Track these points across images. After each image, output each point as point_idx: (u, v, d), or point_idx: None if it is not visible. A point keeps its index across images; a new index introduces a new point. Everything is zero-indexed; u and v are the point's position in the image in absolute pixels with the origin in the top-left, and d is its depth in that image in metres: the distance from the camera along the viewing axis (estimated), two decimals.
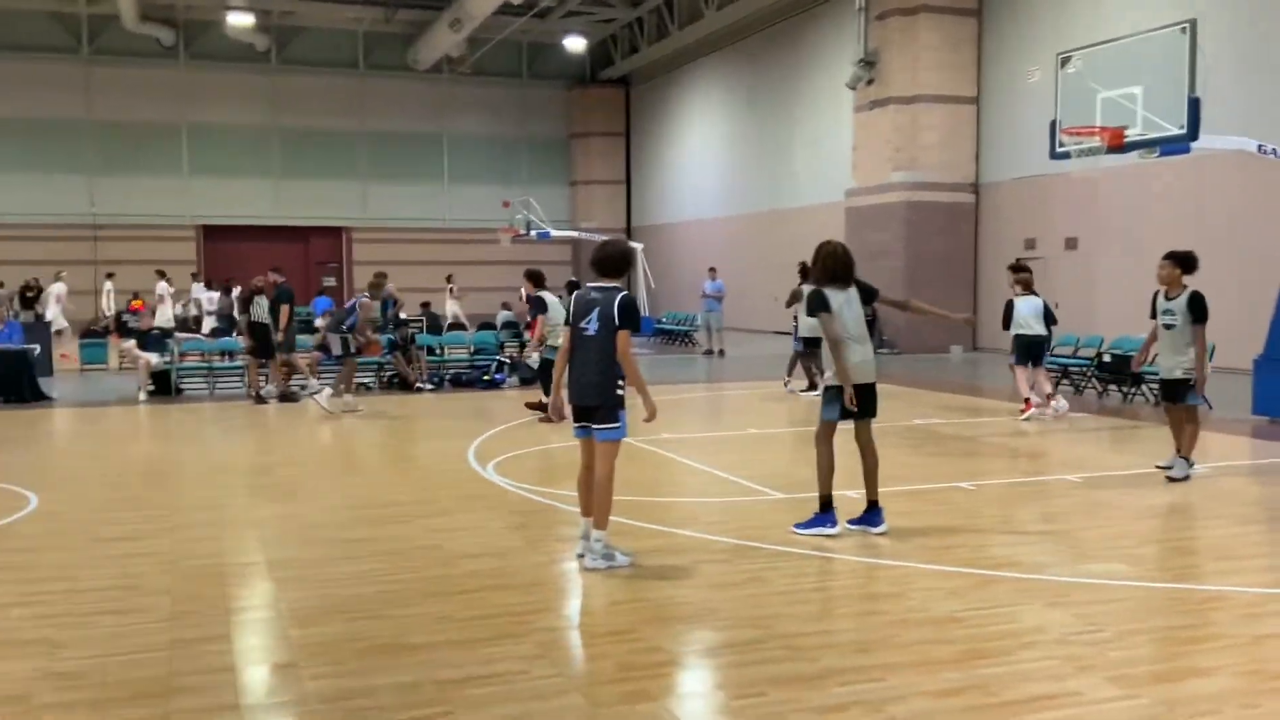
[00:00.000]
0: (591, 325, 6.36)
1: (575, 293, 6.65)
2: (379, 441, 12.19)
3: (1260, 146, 12.43)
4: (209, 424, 13.91)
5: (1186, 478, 9.02)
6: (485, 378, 17.73)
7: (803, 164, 30.23)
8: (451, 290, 30.46)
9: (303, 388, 15.72)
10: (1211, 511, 8.17)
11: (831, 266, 7.24)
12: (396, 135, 38.82)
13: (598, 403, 6.34)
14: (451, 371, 18.17)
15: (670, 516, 7.96)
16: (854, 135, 26.06)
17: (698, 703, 4.55)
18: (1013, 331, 13.06)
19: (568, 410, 6.59)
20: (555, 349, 13.33)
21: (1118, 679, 4.62)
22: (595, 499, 6.42)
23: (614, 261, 6.57)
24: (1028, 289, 13.18)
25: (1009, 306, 13.12)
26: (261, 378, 15.82)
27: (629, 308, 6.33)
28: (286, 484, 9.53)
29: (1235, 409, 13.02)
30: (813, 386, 14.95)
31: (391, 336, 17.42)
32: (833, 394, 7.23)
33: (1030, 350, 13.02)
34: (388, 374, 17.65)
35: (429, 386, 17.30)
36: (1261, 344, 12.86)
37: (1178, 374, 9.04)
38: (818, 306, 7.18)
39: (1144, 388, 14.69)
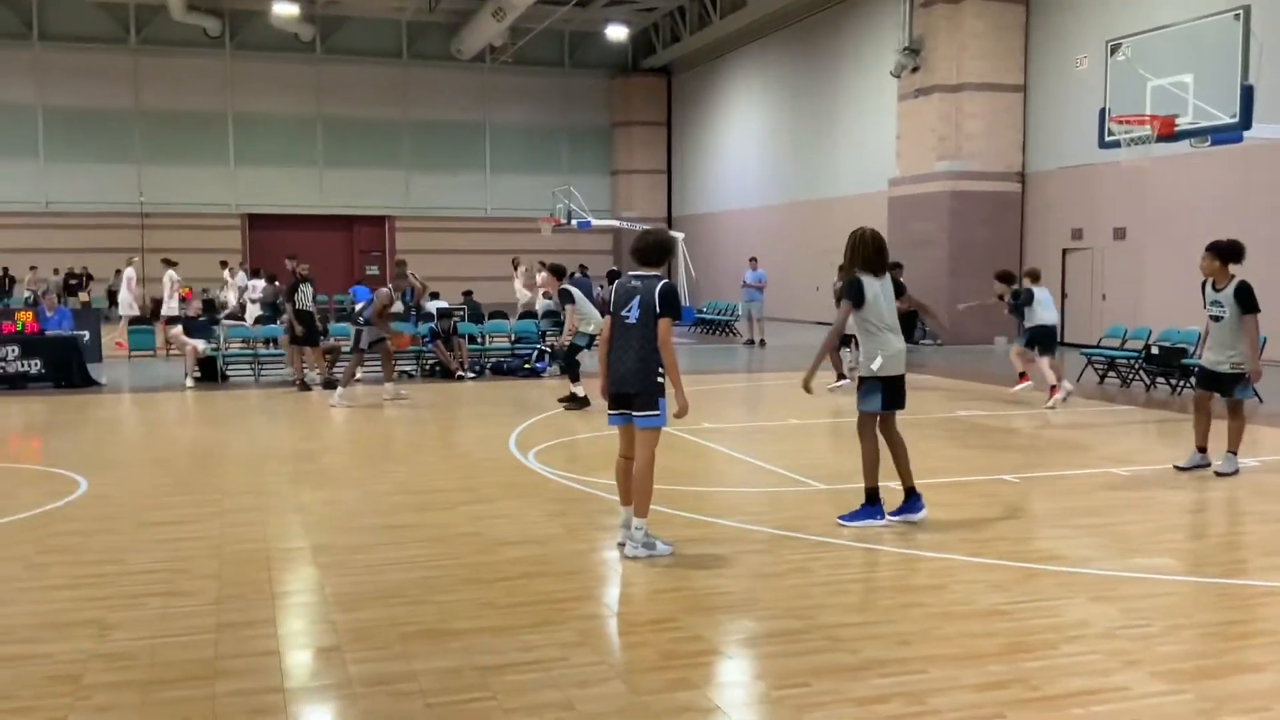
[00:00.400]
0: (633, 313, 6.36)
1: (616, 281, 6.65)
2: (421, 429, 12.28)
3: None
4: (254, 411, 14.07)
5: (1235, 472, 8.87)
6: (526, 366, 17.80)
7: (845, 153, 30.01)
8: (523, 271, 28.97)
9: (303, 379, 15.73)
10: (1260, 507, 8.03)
11: (863, 253, 7.17)
12: (439, 124, 39.03)
13: (637, 390, 6.34)
14: (493, 360, 18.25)
15: (711, 506, 7.95)
16: (898, 124, 25.82)
17: (739, 692, 4.54)
18: (1036, 321, 13.11)
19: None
20: (585, 338, 13.50)
21: (1164, 674, 4.56)
22: (636, 487, 6.42)
23: (655, 250, 6.56)
24: (1036, 280, 13.60)
25: (1029, 296, 13.15)
26: (306, 365, 15.98)
27: (670, 296, 6.33)
28: (330, 470, 9.63)
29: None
30: (841, 378, 15.09)
31: (414, 326, 17.39)
32: (871, 385, 7.19)
33: (1051, 337, 13.33)
34: (429, 362, 17.76)
35: (470, 375, 17.40)
36: None
37: (1225, 368, 8.87)
38: (847, 294, 7.12)
39: (1192, 380, 14.45)
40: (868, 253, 7.18)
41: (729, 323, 27.57)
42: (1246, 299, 8.67)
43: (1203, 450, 9.10)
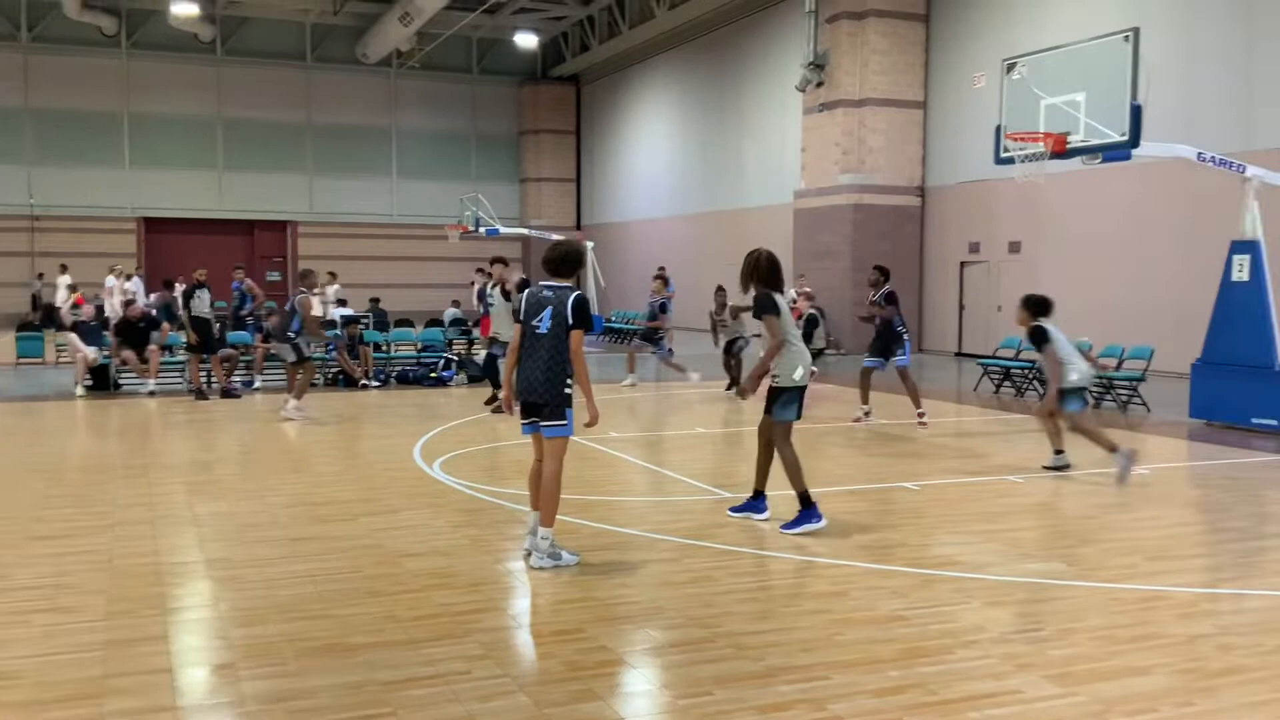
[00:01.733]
0: (544, 323, 6.33)
1: (527, 290, 6.62)
2: (323, 439, 12.03)
3: (1200, 154, 12.67)
4: (148, 420, 13.65)
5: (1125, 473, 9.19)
6: (433, 375, 17.61)
7: (753, 165, 30.38)
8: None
9: (248, 384, 15.47)
10: (1149, 512, 8.32)
11: (760, 274, 7.42)
12: (344, 129, 38.43)
13: (545, 400, 6.31)
14: (398, 369, 18.01)
15: (618, 515, 7.95)
16: (803, 137, 26.24)
17: (643, 702, 4.54)
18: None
19: (517, 406, 6.55)
20: (501, 345, 13.52)
21: (1056, 677, 4.68)
22: (543, 496, 6.40)
23: (566, 261, 6.55)
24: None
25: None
26: (203, 374, 15.57)
27: (582, 307, 6.33)
28: (226, 482, 9.38)
29: (1174, 412, 13.28)
30: (733, 383, 15.93)
31: (251, 336, 17.13)
32: (791, 395, 7.34)
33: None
34: (332, 371, 17.45)
35: (375, 384, 17.14)
36: (1199, 349, 13.13)
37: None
38: (769, 309, 7.31)
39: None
40: (763, 274, 7.41)
41: (638, 332, 27.59)
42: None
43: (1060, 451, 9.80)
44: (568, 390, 6.34)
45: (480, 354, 18.63)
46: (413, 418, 13.44)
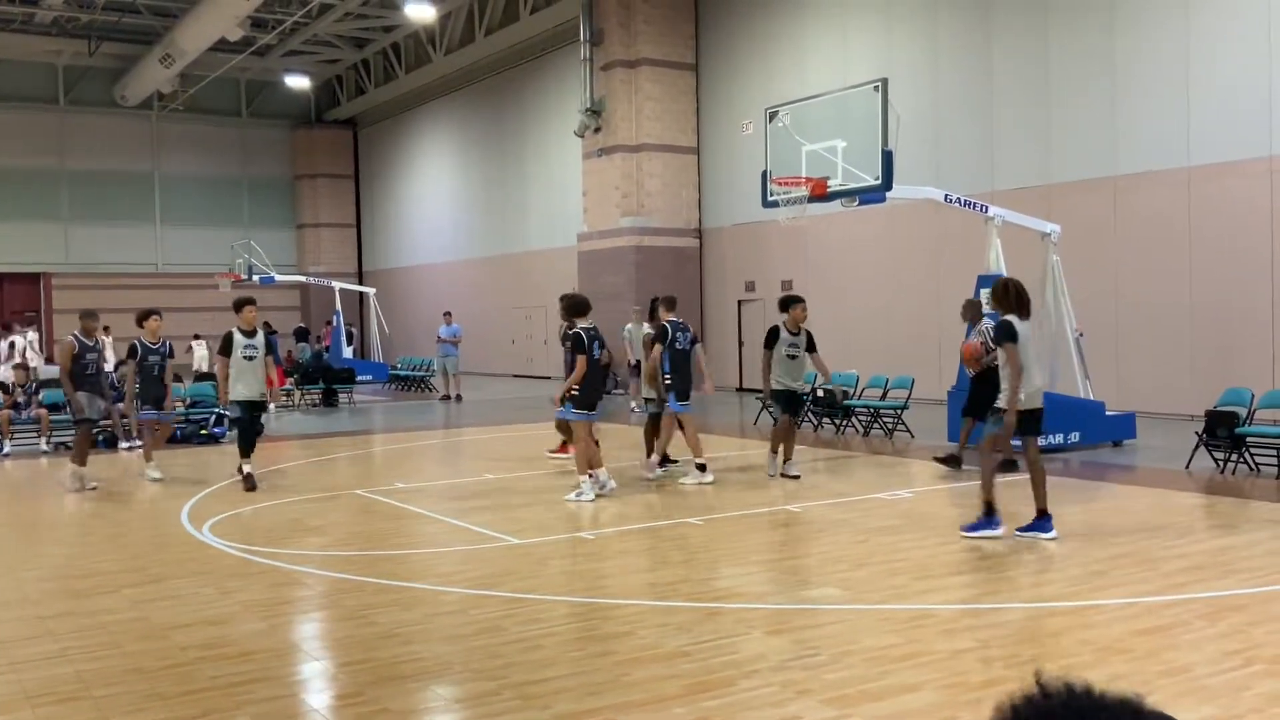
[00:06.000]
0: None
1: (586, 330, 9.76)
2: (83, 505, 11.21)
3: (947, 196, 13.62)
4: None
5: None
6: (203, 431, 16.73)
7: (536, 208, 30.57)
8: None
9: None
10: (916, 534, 8.78)
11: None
12: (102, 174, 36.26)
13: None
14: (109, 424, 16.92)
15: (404, 570, 7.76)
16: (584, 181, 26.63)
17: None
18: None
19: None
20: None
21: (832, 700, 4.86)
22: None
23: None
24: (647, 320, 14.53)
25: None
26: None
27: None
28: None
29: (934, 437, 14.10)
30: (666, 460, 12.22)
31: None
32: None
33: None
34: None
35: (139, 443, 16.12)
36: (954, 377, 14.02)
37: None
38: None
39: (854, 420, 15.71)
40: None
41: (425, 378, 27.20)
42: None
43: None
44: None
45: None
46: (180, 479, 12.69)
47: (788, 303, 11.64)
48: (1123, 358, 16.87)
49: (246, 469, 11.56)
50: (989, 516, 8.42)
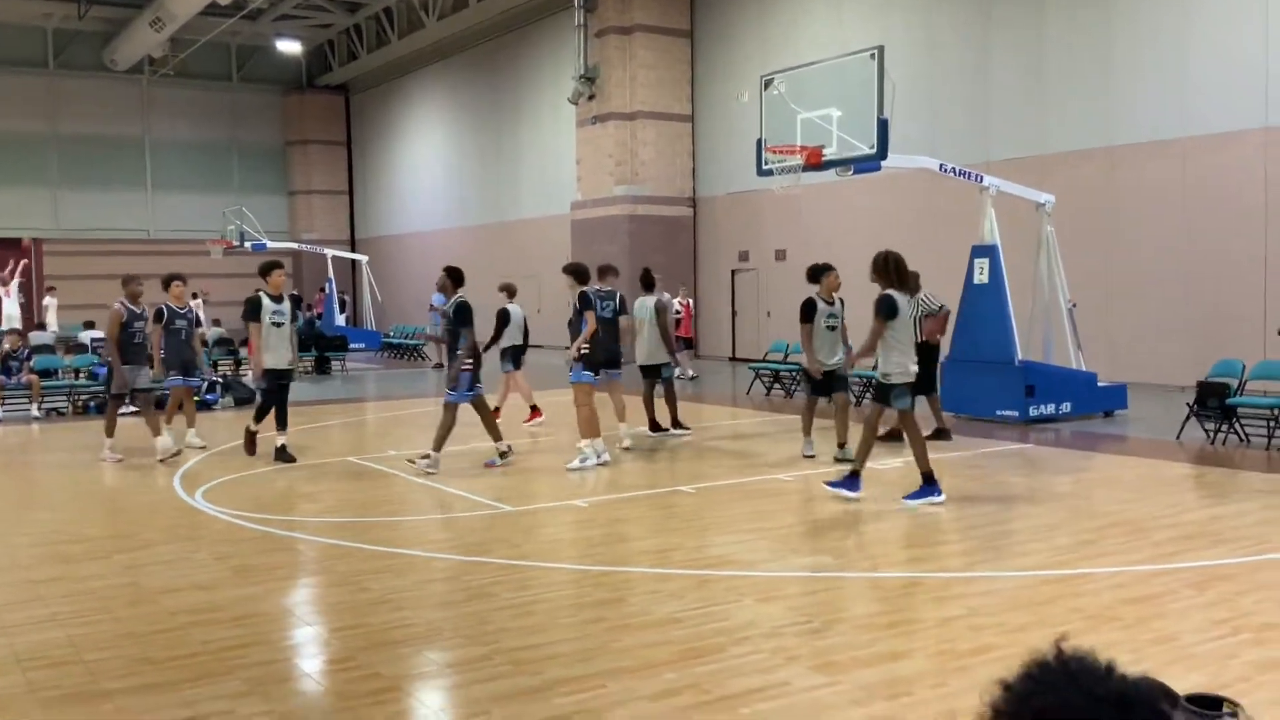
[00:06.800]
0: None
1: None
2: (74, 471, 11.18)
3: (942, 166, 13.56)
4: None
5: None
6: (195, 398, 16.65)
7: (529, 176, 30.41)
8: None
9: None
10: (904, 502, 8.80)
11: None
12: (93, 139, 35.95)
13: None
14: (156, 392, 16.92)
15: (397, 537, 7.76)
16: (577, 149, 26.48)
17: None
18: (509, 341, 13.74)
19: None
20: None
21: (822, 667, 4.88)
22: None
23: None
24: (512, 296, 14.13)
25: (503, 315, 13.72)
26: None
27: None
28: None
29: (925, 407, 14.10)
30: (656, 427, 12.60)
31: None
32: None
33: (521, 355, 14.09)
34: (82, 398, 16.30)
35: (132, 409, 16.07)
36: (946, 347, 14.01)
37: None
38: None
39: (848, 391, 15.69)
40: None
41: (418, 347, 27.16)
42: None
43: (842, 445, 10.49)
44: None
45: (247, 375, 17.84)
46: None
47: (819, 272, 11.05)
48: (1115, 328, 16.88)
49: (281, 440, 11.09)
50: (929, 484, 8.48)
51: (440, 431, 10.34)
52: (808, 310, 10.74)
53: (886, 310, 8.39)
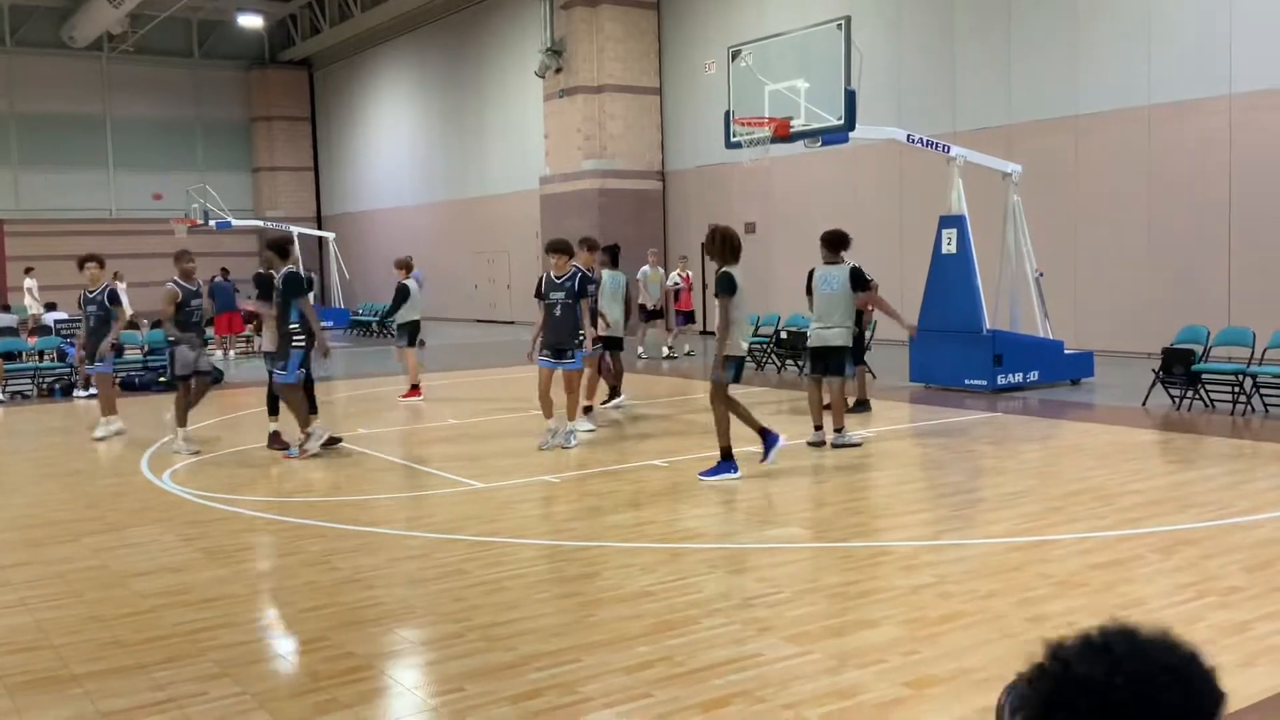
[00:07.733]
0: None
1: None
2: (39, 454, 11.07)
3: (909, 136, 13.57)
4: None
5: (857, 444, 9.75)
6: (161, 379, 16.51)
7: (497, 151, 30.20)
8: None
9: None
10: (875, 474, 8.87)
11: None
12: (52, 117, 35.35)
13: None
14: (122, 374, 16.77)
15: (368, 515, 7.73)
16: (545, 123, 26.31)
17: (392, 704, 4.43)
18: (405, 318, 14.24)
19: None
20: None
21: (794, 637, 4.91)
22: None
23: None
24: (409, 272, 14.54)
25: (402, 290, 14.09)
26: None
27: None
28: None
29: (896, 377, 14.20)
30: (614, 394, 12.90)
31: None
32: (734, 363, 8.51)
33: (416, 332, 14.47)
34: (47, 380, 16.11)
35: (95, 391, 15.90)
36: (915, 318, 14.07)
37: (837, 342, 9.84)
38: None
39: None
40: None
41: (386, 324, 26.97)
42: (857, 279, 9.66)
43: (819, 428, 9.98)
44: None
45: (215, 354, 17.70)
46: (139, 426, 12.53)
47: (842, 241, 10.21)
48: (1081, 297, 17.02)
49: (273, 427, 10.59)
50: (727, 460, 8.52)
51: (298, 415, 9.89)
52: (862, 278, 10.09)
53: (729, 288, 8.35)
